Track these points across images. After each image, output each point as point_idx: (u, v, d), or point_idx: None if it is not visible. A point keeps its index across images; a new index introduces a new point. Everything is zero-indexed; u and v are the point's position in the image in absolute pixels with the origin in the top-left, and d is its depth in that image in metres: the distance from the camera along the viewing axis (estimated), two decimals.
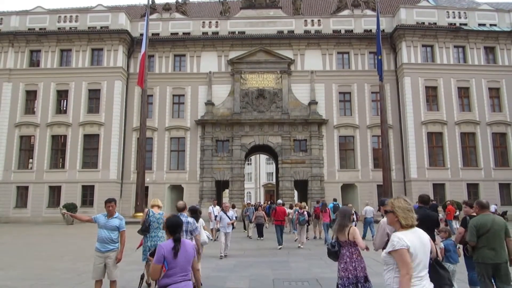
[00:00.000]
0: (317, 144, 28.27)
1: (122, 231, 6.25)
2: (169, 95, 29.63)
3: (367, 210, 16.63)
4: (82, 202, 27.06)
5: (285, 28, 30.70)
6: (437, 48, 28.93)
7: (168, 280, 3.46)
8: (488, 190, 26.97)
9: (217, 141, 28.73)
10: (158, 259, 3.46)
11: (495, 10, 30.83)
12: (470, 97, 28.61)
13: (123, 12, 30.50)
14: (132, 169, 28.37)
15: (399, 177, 27.92)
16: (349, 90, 29.43)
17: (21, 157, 28.47)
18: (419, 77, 28.30)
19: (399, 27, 28.46)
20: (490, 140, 27.93)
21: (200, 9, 36.75)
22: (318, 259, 11.07)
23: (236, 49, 29.86)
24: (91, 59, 29.43)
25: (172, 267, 3.47)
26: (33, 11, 30.88)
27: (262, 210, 18.71)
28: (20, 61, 29.31)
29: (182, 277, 3.51)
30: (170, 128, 29.11)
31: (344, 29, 30.54)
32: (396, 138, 28.64)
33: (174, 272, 3.48)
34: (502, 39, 29.17)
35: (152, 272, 3.52)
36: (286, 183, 28.02)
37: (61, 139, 28.64)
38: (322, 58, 29.88)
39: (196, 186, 28.15)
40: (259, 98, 28.92)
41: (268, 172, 59.66)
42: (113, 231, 6.15)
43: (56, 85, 28.85)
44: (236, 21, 31.06)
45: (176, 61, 30.47)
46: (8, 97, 28.58)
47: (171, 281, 3.46)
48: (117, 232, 6.20)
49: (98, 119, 28.21)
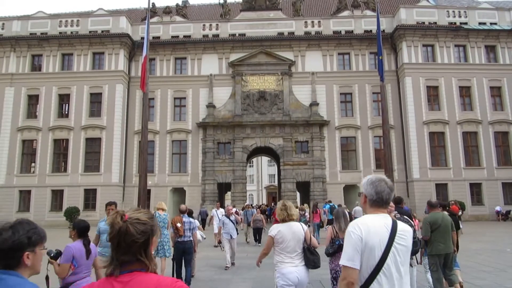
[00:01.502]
0: (318, 145, 28.24)
1: None
2: (171, 98, 29.67)
3: (356, 210, 17.38)
4: (85, 206, 27.10)
5: (286, 29, 30.73)
6: (437, 48, 28.90)
7: (74, 277, 3.93)
8: (491, 190, 26.90)
9: (218, 143, 28.74)
10: (67, 259, 3.85)
11: (495, 8, 30.80)
12: (472, 96, 28.56)
13: (123, 16, 30.60)
14: (134, 172, 28.39)
15: (401, 178, 27.86)
16: (350, 91, 29.41)
17: (23, 161, 28.53)
18: (420, 77, 28.26)
19: (399, 27, 28.45)
20: (492, 139, 27.85)
21: (200, 12, 36.81)
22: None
23: (236, 52, 29.90)
24: (92, 63, 29.52)
25: (79, 265, 3.95)
26: (34, 16, 31.02)
27: (261, 213, 17.90)
28: (22, 66, 29.42)
29: (85, 274, 4.04)
30: (172, 131, 29.14)
31: (344, 30, 30.55)
32: (398, 139, 28.59)
33: (80, 270, 3.98)
34: (503, 38, 29.12)
35: (61, 271, 3.86)
36: (288, 185, 27.99)
37: (63, 143, 28.70)
38: (322, 59, 29.89)
39: (198, 189, 28.15)
40: (260, 100, 28.93)
41: (270, 174, 59.61)
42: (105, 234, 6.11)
43: (58, 89, 28.94)
44: (237, 24, 31.11)
45: (177, 64, 30.53)
46: (10, 101, 28.67)
47: (76, 278, 3.94)
48: None
49: (100, 123, 28.27)
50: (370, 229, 2.17)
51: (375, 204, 2.34)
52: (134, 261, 1.46)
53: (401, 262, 2.20)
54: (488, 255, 11.39)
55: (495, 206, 26.34)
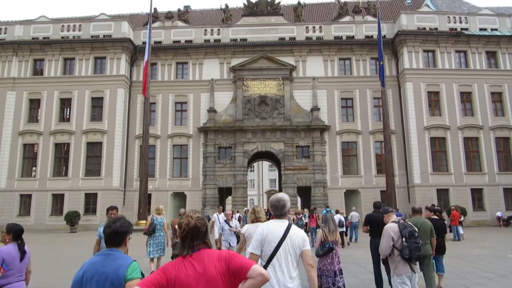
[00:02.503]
0: (319, 150, 28.24)
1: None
2: (172, 103, 29.74)
3: (353, 215, 17.70)
4: (85, 210, 27.08)
5: (287, 35, 30.84)
6: (438, 53, 28.96)
7: (4, 280, 3.89)
8: (492, 195, 26.83)
9: (219, 148, 28.75)
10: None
11: (496, 14, 30.88)
12: (473, 102, 28.57)
13: (125, 21, 30.74)
14: (135, 176, 28.39)
15: (402, 183, 27.81)
16: (351, 96, 29.45)
17: (24, 165, 28.55)
18: (421, 82, 28.30)
19: (400, 33, 28.53)
20: (494, 145, 27.82)
21: (202, 17, 36.98)
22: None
23: (238, 56, 30.00)
24: (94, 68, 29.62)
25: (10, 268, 3.90)
26: (37, 21, 31.19)
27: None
28: (24, 70, 29.53)
29: (17, 278, 3.99)
30: (173, 135, 29.17)
31: (345, 35, 30.65)
32: (399, 144, 28.57)
33: (12, 273, 3.92)
34: (504, 44, 29.18)
35: None
36: (289, 190, 27.92)
37: (64, 147, 28.74)
38: (323, 64, 29.96)
39: (199, 193, 28.13)
40: (261, 104, 28.97)
41: (271, 179, 59.59)
42: None
43: (59, 94, 29.02)
44: (238, 29, 31.23)
45: (179, 68, 30.63)
46: (12, 105, 28.75)
47: (7, 281, 3.89)
48: None
49: (101, 127, 28.32)
50: (270, 229, 3.33)
51: (275, 215, 3.48)
52: (201, 243, 2.30)
53: (290, 253, 3.28)
54: (489, 261, 11.34)
55: (496, 211, 26.26)
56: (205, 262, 2.21)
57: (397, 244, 4.95)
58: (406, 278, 4.93)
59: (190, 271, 2.19)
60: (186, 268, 2.20)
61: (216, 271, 2.18)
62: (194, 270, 2.19)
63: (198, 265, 2.21)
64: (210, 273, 2.18)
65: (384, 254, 5.19)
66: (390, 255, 5.06)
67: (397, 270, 4.99)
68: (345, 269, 7.41)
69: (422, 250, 5.04)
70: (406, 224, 5.14)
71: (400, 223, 5.11)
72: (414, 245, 4.87)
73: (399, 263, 4.96)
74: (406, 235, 4.91)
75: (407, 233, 4.92)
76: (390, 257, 5.08)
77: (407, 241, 4.88)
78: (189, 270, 2.19)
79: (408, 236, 4.90)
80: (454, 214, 18.19)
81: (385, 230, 5.18)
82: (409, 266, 4.93)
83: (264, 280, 2.19)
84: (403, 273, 4.94)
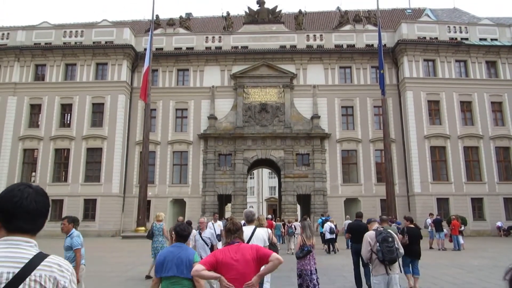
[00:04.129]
0: (319, 158, 28.21)
1: (76, 250, 5.96)
2: (172, 109, 29.78)
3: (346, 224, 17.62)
4: (84, 216, 26.96)
5: (288, 43, 30.98)
6: (438, 63, 29.06)
7: None
8: (492, 205, 26.75)
9: (219, 155, 28.73)
10: None
11: (496, 24, 31.04)
12: (473, 111, 28.61)
13: (127, 27, 30.91)
14: (134, 182, 28.35)
15: (402, 192, 27.74)
16: (352, 104, 29.50)
17: (24, 171, 28.53)
18: (421, 91, 28.36)
19: (401, 42, 28.66)
20: (494, 154, 27.80)
21: (203, 24, 37.16)
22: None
23: (239, 64, 30.11)
24: (95, 73, 29.71)
25: None
26: (39, 26, 31.34)
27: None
28: (25, 75, 29.62)
29: None
30: (173, 142, 29.17)
31: (346, 43, 30.79)
32: (399, 152, 28.56)
33: None
34: (504, 53, 29.30)
35: None
36: (289, 198, 27.88)
37: (64, 152, 28.73)
38: (324, 72, 30.06)
39: (198, 200, 28.06)
40: (261, 112, 29.01)
41: (271, 186, 59.42)
42: (67, 251, 5.94)
43: (60, 99, 29.08)
44: (239, 36, 31.39)
45: (180, 75, 30.72)
46: (12, 110, 28.79)
47: None
48: (72, 251, 5.94)
49: (102, 133, 28.33)
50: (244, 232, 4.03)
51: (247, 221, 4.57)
52: (238, 238, 3.46)
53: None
54: (490, 271, 11.27)
55: (496, 221, 26.15)
56: (242, 250, 3.28)
57: (374, 248, 5.70)
58: (382, 279, 5.62)
59: (232, 255, 3.24)
60: (229, 253, 3.27)
61: (249, 257, 3.22)
62: (235, 255, 3.25)
63: (237, 252, 3.27)
64: (245, 257, 3.22)
65: (365, 258, 5.89)
66: (371, 258, 5.76)
67: (374, 271, 5.76)
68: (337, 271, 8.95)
69: (396, 253, 5.64)
70: (381, 231, 5.80)
71: (377, 231, 5.84)
72: (387, 248, 5.56)
73: (376, 265, 5.69)
74: (380, 240, 5.65)
75: (381, 238, 5.66)
76: (371, 260, 5.79)
77: (380, 245, 5.61)
78: (232, 254, 3.25)
79: (381, 241, 5.63)
80: (454, 224, 18.12)
81: (365, 237, 5.95)
82: (384, 267, 5.62)
83: (280, 262, 3.21)
84: (378, 274, 5.65)
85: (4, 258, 1.50)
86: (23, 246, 1.56)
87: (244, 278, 3.14)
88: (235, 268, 3.17)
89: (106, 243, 21.82)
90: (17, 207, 1.57)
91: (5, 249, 1.53)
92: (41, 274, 1.51)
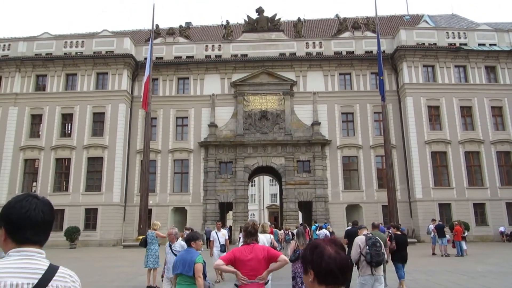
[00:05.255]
0: (320, 164, 28.18)
1: None
2: (173, 118, 29.84)
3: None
4: (85, 226, 26.90)
5: (287, 50, 31.12)
6: (438, 68, 29.14)
7: None
8: (494, 210, 26.64)
9: (220, 163, 28.71)
10: None
11: (494, 30, 31.17)
12: (473, 116, 28.61)
13: (127, 37, 31.08)
14: (135, 191, 28.30)
15: (404, 197, 27.66)
16: (352, 110, 29.53)
17: (25, 181, 28.51)
18: (421, 97, 28.40)
19: (400, 48, 28.77)
20: (495, 159, 27.74)
21: (203, 33, 37.38)
22: None
23: (239, 72, 30.22)
24: (96, 83, 29.82)
25: None
26: (40, 37, 31.54)
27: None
28: (26, 86, 29.73)
29: None
30: (174, 150, 29.17)
31: (345, 50, 30.91)
32: (400, 158, 28.52)
33: None
34: (503, 58, 29.38)
35: None
36: (290, 205, 27.80)
37: (65, 162, 28.72)
38: (324, 79, 30.14)
39: (199, 208, 27.98)
40: (262, 119, 29.04)
41: (272, 194, 59.29)
42: None
43: (61, 109, 29.15)
44: (239, 44, 31.54)
45: (180, 84, 30.82)
46: (13, 121, 28.84)
47: None
48: None
49: (102, 142, 28.35)
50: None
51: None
52: (254, 240, 4.04)
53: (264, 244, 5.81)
54: (494, 277, 11.19)
55: (499, 226, 26.02)
56: (255, 250, 3.93)
57: (363, 251, 6.35)
58: (368, 279, 6.27)
59: (247, 254, 3.92)
60: (245, 252, 3.94)
61: (261, 256, 3.87)
62: (250, 253, 3.92)
63: (252, 251, 3.93)
64: (258, 256, 3.88)
65: (353, 259, 6.50)
66: (359, 260, 6.39)
67: (361, 272, 6.41)
68: None
69: (382, 256, 6.32)
70: (371, 236, 6.56)
71: (367, 236, 6.57)
72: (375, 252, 6.25)
73: (363, 266, 6.34)
74: (370, 244, 6.34)
75: (371, 243, 6.36)
76: (359, 262, 6.41)
77: (370, 249, 6.28)
78: (247, 253, 3.92)
79: (371, 245, 6.32)
80: (457, 230, 18.02)
81: (355, 241, 6.67)
82: (370, 269, 6.28)
83: (286, 263, 3.97)
84: (365, 275, 6.30)
85: (21, 270, 1.53)
86: (37, 257, 1.59)
87: (256, 273, 3.82)
88: (249, 265, 3.85)
89: (107, 252, 21.73)
90: (26, 218, 1.58)
91: (21, 261, 1.55)
92: (58, 285, 1.55)
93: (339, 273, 1.59)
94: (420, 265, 14.27)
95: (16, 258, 1.56)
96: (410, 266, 14.05)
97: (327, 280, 1.60)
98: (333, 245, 1.66)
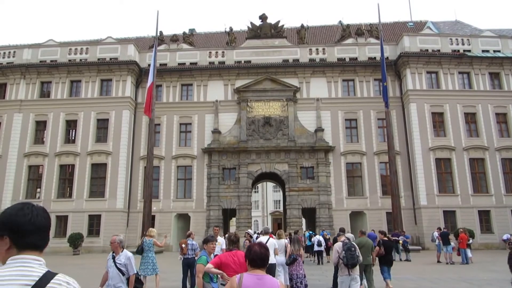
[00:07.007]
0: (324, 171, 28.09)
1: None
2: (176, 124, 29.90)
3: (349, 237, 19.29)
4: (89, 232, 26.90)
5: (290, 57, 31.19)
6: (441, 75, 29.07)
7: None
8: (500, 217, 26.39)
9: (223, 169, 28.69)
10: None
11: (498, 36, 31.11)
12: (477, 123, 28.47)
13: (132, 44, 31.28)
14: (139, 198, 28.30)
15: (408, 204, 27.48)
16: (355, 117, 29.49)
17: (29, 187, 28.59)
18: (425, 103, 28.32)
19: (403, 55, 28.75)
20: (500, 166, 27.53)
21: (206, 40, 37.55)
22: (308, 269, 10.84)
23: (242, 78, 30.29)
24: (100, 90, 29.97)
25: None
26: (45, 44, 31.78)
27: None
28: (31, 93, 29.93)
29: None
30: (177, 156, 29.19)
31: (348, 57, 30.93)
32: (404, 165, 28.39)
33: None
34: (507, 65, 29.29)
35: None
36: (294, 211, 27.69)
37: (69, 168, 28.80)
38: (327, 85, 30.14)
39: (203, 215, 27.93)
40: (265, 125, 29.04)
41: (275, 200, 59.14)
42: None
43: (65, 115, 29.29)
44: (242, 51, 31.64)
45: (183, 90, 30.92)
46: (18, 127, 29.00)
47: None
48: None
49: (106, 148, 28.43)
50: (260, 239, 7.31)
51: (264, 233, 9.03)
52: (236, 247, 5.16)
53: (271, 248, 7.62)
54: (499, 286, 11.07)
55: (504, 234, 25.71)
56: (238, 255, 4.71)
57: (341, 255, 7.46)
58: (346, 278, 7.40)
59: (231, 259, 4.69)
60: (229, 257, 4.73)
61: (243, 260, 4.34)
62: (233, 258, 4.70)
63: (234, 256, 4.73)
64: (240, 260, 4.60)
65: (334, 263, 7.86)
66: (339, 263, 7.52)
67: (340, 272, 7.61)
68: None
69: (356, 259, 7.35)
70: (347, 242, 7.64)
71: (344, 242, 7.66)
72: (350, 255, 7.33)
73: (342, 268, 7.50)
74: (345, 249, 7.42)
75: (346, 247, 7.44)
76: (338, 264, 7.56)
77: (346, 253, 7.37)
78: (231, 258, 4.70)
79: (346, 250, 7.41)
80: (462, 237, 17.87)
81: (334, 247, 7.93)
82: (347, 270, 7.39)
83: None
84: (343, 275, 7.46)
85: (15, 276, 1.54)
86: (33, 264, 1.61)
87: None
88: (233, 267, 4.57)
89: None
90: (30, 224, 1.65)
91: (17, 267, 1.58)
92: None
93: (259, 260, 2.97)
94: (426, 273, 14.13)
95: (12, 266, 1.58)
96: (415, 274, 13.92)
97: (252, 263, 2.99)
98: (259, 246, 3.07)
